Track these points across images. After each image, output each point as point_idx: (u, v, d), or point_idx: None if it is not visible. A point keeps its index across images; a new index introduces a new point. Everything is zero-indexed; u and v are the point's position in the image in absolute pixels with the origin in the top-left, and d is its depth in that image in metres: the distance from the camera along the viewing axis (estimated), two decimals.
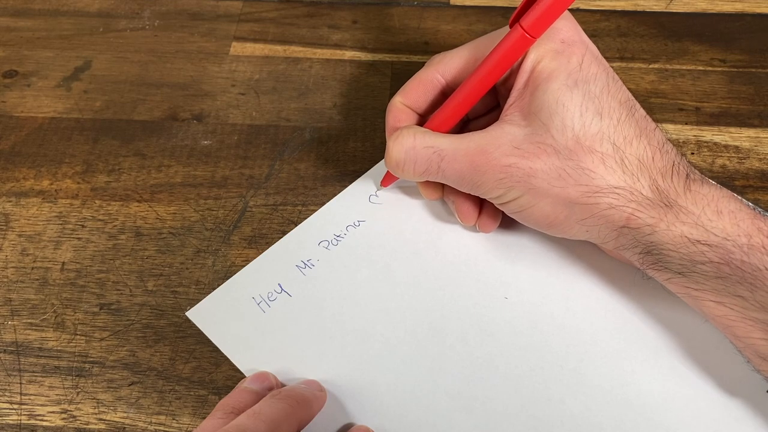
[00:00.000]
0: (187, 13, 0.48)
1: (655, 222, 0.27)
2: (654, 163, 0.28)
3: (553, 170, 0.28)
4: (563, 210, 0.29)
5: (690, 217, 0.27)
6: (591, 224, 0.29)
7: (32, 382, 0.31)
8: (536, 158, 0.28)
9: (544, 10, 0.27)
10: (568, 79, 0.28)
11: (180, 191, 0.38)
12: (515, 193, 0.29)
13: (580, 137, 0.28)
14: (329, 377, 0.31)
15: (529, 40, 0.28)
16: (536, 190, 0.29)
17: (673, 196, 0.27)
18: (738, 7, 0.47)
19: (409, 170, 0.31)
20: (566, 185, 0.28)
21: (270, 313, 0.33)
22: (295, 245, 0.35)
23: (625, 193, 0.28)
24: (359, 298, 0.33)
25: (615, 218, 0.28)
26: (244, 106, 0.42)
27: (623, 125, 0.28)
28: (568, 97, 0.28)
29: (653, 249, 0.28)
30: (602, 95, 0.28)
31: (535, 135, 0.28)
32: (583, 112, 0.28)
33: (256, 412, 0.26)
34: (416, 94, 0.33)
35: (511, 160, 0.28)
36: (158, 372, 0.32)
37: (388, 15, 0.48)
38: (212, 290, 0.34)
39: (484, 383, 0.30)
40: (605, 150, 0.28)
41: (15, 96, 0.43)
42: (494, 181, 0.29)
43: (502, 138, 0.29)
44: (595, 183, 0.28)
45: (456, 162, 0.30)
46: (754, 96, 0.42)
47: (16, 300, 0.34)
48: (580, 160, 0.28)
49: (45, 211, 0.37)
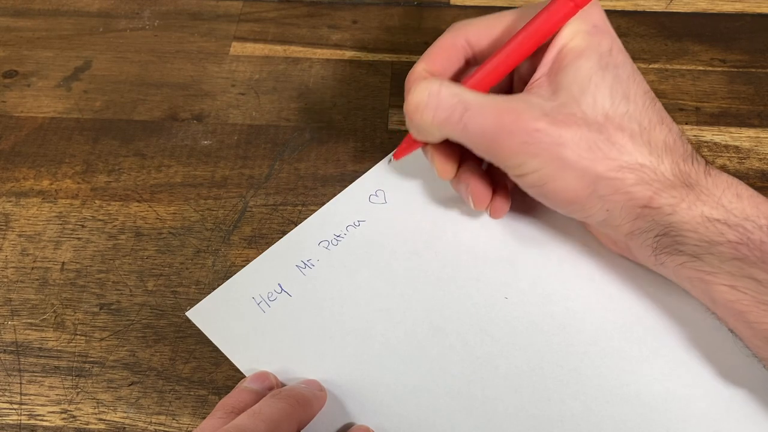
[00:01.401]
0: (187, 13, 0.48)
1: (676, 202, 0.27)
2: (676, 148, 0.28)
3: (583, 141, 0.28)
4: (588, 185, 0.28)
5: (711, 198, 0.27)
6: (613, 202, 0.28)
7: (32, 382, 0.31)
8: (567, 127, 0.28)
9: None
10: (600, 60, 0.28)
11: (180, 191, 0.38)
12: (538, 163, 0.28)
13: (610, 114, 0.28)
14: (329, 377, 0.31)
15: (575, 8, 0.29)
16: (563, 161, 0.28)
17: (694, 177, 0.28)
18: (738, 7, 0.47)
19: (429, 115, 0.29)
20: (595, 158, 0.28)
21: (270, 313, 0.33)
22: (295, 245, 0.35)
23: (650, 173, 0.28)
24: (359, 298, 0.33)
25: (638, 196, 0.28)
26: (244, 106, 0.42)
27: (647, 111, 0.29)
28: (600, 77, 0.28)
29: (671, 230, 0.28)
30: (629, 81, 0.29)
31: (565, 107, 0.28)
32: (613, 93, 0.28)
33: (256, 411, 0.26)
34: (441, 60, 0.32)
35: (540, 125, 0.28)
36: (158, 372, 0.32)
37: (388, 15, 0.48)
38: (212, 290, 0.34)
39: (484, 383, 0.30)
40: (633, 129, 0.28)
41: (15, 96, 0.43)
42: (519, 144, 0.28)
43: (530, 102, 0.28)
44: (624, 158, 0.28)
45: (481, 116, 0.28)
46: (754, 96, 0.42)
47: (16, 300, 0.34)
48: (611, 135, 0.28)
49: (45, 211, 0.37)
